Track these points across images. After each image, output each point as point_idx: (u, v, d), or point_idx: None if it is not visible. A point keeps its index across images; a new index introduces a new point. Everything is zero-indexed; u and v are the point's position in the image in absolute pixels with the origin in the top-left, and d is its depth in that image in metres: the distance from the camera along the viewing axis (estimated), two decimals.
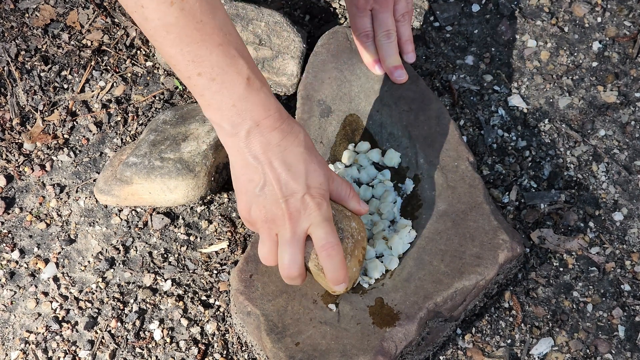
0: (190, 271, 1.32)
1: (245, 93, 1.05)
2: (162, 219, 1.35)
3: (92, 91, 1.46)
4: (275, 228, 1.11)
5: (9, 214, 1.37)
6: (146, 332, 1.28)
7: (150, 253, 1.33)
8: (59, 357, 1.27)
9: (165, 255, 1.33)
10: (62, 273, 1.33)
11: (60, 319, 1.30)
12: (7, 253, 1.34)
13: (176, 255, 1.33)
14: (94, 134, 1.42)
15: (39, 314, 1.30)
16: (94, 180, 1.38)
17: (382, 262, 1.23)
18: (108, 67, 1.47)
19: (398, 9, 1.35)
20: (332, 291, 1.17)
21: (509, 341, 1.26)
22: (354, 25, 1.35)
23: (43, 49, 1.48)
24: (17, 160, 1.40)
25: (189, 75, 1.04)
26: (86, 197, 1.37)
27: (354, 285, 1.20)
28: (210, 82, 1.04)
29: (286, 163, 1.08)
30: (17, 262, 1.34)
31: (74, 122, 1.43)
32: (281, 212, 1.09)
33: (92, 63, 1.47)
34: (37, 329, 1.29)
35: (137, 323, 1.29)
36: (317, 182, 1.10)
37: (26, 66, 1.47)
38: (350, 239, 1.16)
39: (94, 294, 1.31)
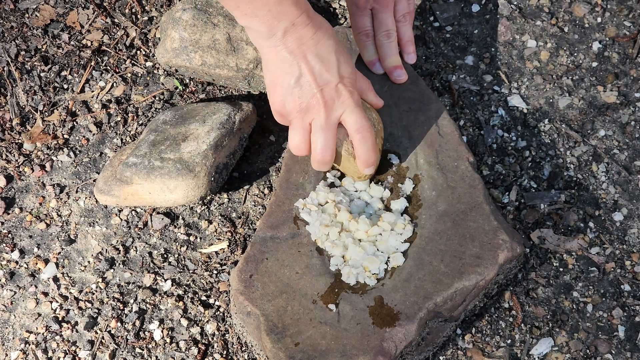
0: (190, 271, 1.32)
1: None
2: (162, 219, 1.35)
3: (92, 91, 1.46)
4: (309, 117, 1.19)
5: (9, 214, 1.37)
6: (146, 332, 1.28)
7: (150, 253, 1.33)
8: (59, 357, 1.27)
9: (165, 256, 1.33)
10: (62, 273, 1.33)
11: (60, 319, 1.30)
12: (7, 253, 1.34)
13: (176, 256, 1.33)
14: (94, 134, 1.42)
15: (39, 314, 1.30)
16: (94, 181, 1.38)
17: (382, 259, 1.23)
18: (108, 67, 1.47)
19: (399, 9, 1.35)
20: (359, 176, 1.25)
21: (509, 341, 1.26)
22: (354, 24, 1.35)
23: (43, 49, 1.48)
24: (17, 160, 1.40)
25: None
26: (86, 197, 1.37)
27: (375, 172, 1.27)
28: None
29: (319, 55, 1.17)
30: (17, 262, 1.34)
31: (74, 122, 1.43)
32: (316, 100, 1.17)
33: (92, 63, 1.47)
34: (37, 329, 1.29)
35: (137, 323, 1.29)
36: (347, 72, 1.19)
37: (26, 66, 1.47)
38: (374, 127, 1.24)
39: (94, 294, 1.31)
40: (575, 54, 1.46)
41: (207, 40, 1.40)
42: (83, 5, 1.52)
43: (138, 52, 1.48)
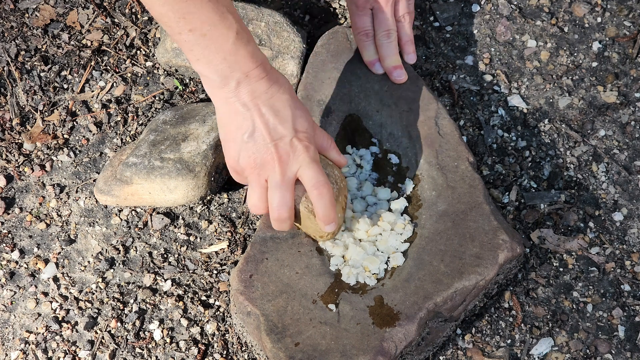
0: (190, 271, 1.32)
1: (234, 47, 1.09)
2: (162, 219, 1.35)
3: (92, 91, 1.46)
4: (264, 173, 1.14)
5: (9, 214, 1.37)
6: (146, 332, 1.28)
7: (150, 253, 1.33)
8: (59, 357, 1.27)
9: (165, 256, 1.33)
10: (62, 273, 1.33)
11: (60, 319, 1.30)
12: (7, 253, 1.34)
13: (176, 256, 1.33)
14: (94, 134, 1.42)
15: (39, 314, 1.30)
16: (94, 181, 1.38)
17: (382, 259, 1.23)
18: (108, 67, 1.47)
19: (399, 9, 1.35)
20: (320, 235, 1.19)
21: (509, 341, 1.26)
22: (354, 24, 1.35)
23: (43, 49, 1.48)
24: (17, 160, 1.40)
25: (179, 32, 1.07)
26: (86, 197, 1.37)
27: (337, 233, 1.22)
28: (201, 37, 1.08)
29: (274, 109, 1.13)
30: (17, 262, 1.34)
31: (74, 122, 1.43)
32: (270, 156, 1.13)
33: (92, 63, 1.47)
34: (37, 329, 1.29)
35: (137, 323, 1.29)
36: (303, 126, 1.15)
37: (26, 66, 1.47)
38: (334, 184, 1.19)
39: (94, 294, 1.31)
40: (575, 54, 1.46)
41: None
42: (83, 5, 1.52)
43: (138, 52, 1.48)
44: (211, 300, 1.30)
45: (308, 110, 1.18)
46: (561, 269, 1.31)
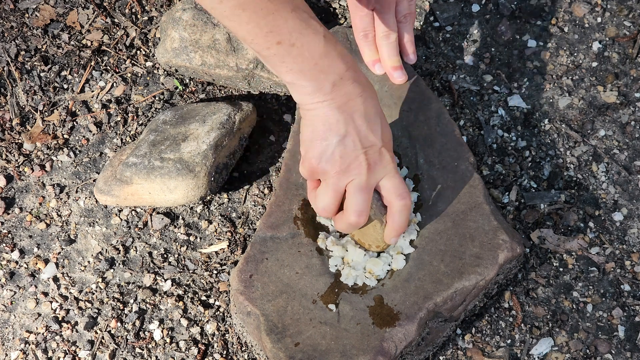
0: (190, 271, 1.32)
1: (325, 50, 1.09)
2: (162, 219, 1.35)
3: (92, 91, 1.46)
4: (347, 178, 1.14)
5: (9, 214, 1.37)
6: (146, 332, 1.28)
7: (150, 253, 1.33)
8: (59, 357, 1.27)
9: (165, 256, 1.33)
10: (62, 273, 1.33)
11: (60, 319, 1.30)
12: (7, 253, 1.34)
13: (176, 256, 1.33)
14: (94, 134, 1.42)
15: (39, 314, 1.30)
16: (94, 181, 1.38)
17: (386, 260, 1.23)
18: (108, 67, 1.47)
19: (400, 9, 1.35)
20: (377, 245, 1.21)
21: (509, 341, 1.26)
22: (355, 24, 1.35)
23: (43, 49, 1.48)
24: (17, 160, 1.40)
25: (268, 46, 1.07)
26: (86, 197, 1.37)
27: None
28: (290, 47, 1.07)
29: (366, 116, 1.13)
30: (17, 262, 1.34)
31: (74, 122, 1.43)
32: (359, 162, 1.13)
33: (92, 63, 1.47)
34: (37, 329, 1.29)
35: (137, 323, 1.29)
36: (389, 137, 1.17)
37: (26, 66, 1.47)
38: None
39: (94, 294, 1.31)
40: (575, 54, 1.46)
41: (207, 40, 1.40)
42: (83, 5, 1.52)
43: (138, 52, 1.48)
44: (211, 300, 1.30)
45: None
46: (561, 269, 1.31)
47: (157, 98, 1.45)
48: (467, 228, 1.23)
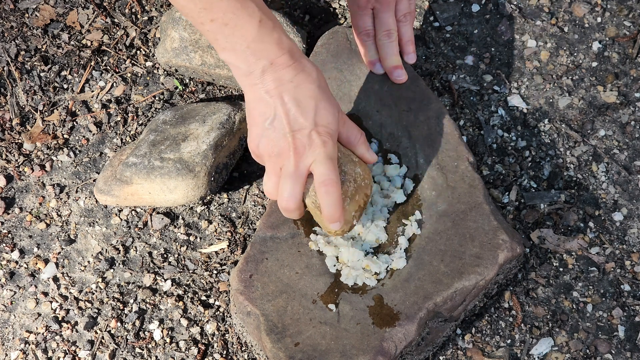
0: (190, 271, 1.32)
1: (258, 35, 1.09)
2: (162, 219, 1.35)
3: (92, 91, 1.46)
4: (280, 161, 1.14)
5: (9, 214, 1.37)
6: (146, 332, 1.28)
7: (150, 253, 1.33)
8: (59, 357, 1.27)
9: (165, 255, 1.33)
10: (62, 273, 1.33)
11: (60, 319, 1.30)
12: (7, 253, 1.34)
13: (176, 255, 1.33)
14: (93, 134, 1.42)
15: (39, 314, 1.30)
16: (94, 180, 1.38)
17: (385, 259, 1.23)
18: (108, 67, 1.47)
19: (400, 9, 1.35)
20: (327, 230, 1.18)
21: (509, 341, 1.26)
22: (355, 23, 1.35)
23: (43, 49, 1.48)
24: (17, 160, 1.40)
25: (202, 22, 1.09)
26: (86, 197, 1.37)
27: (349, 230, 1.20)
28: (223, 26, 1.08)
29: (297, 99, 1.12)
30: (17, 262, 1.34)
31: (74, 122, 1.43)
32: (287, 145, 1.12)
33: (92, 63, 1.47)
34: (37, 329, 1.29)
35: (137, 323, 1.29)
36: (325, 120, 1.14)
37: (26, 66, 1.47)
38: (352, 182, 1.18)
39: (93, 294, 1.31)
40: (575, 54, 1.46)
41: (207, 41, 1.40)
42: (83, 5, 1.52)
43: (138, 52, 1.48)
44: (211, 300, 1.30)
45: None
46: (561, 269, 1.31)
47: (157, 98, 1.45)
48: (467, 228, 1.23)
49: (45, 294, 1.31)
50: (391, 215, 1.27)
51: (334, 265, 1.23)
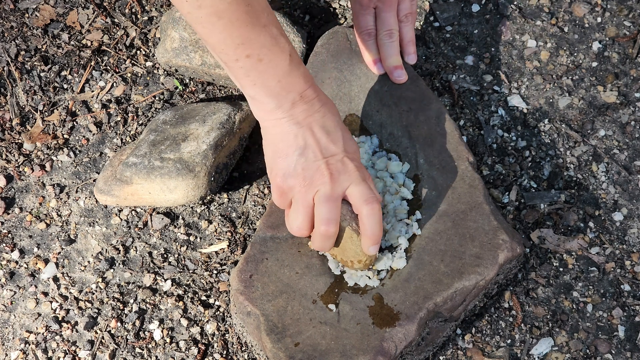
0: (190, 271, 1.32)
1: (288, 69, 1.10)
2: (162, 219, 1.35)
3: (92, 91, 1.46)
4: (312, 189, 1.13)
5: (9, 214, 1.37)
6: (146, 332, 1.28)
7: (150, 253, 1.33)
8: (59, 357, 1.27)
9: (165, 255, 1.33)
10: (62, 273, 1.33)
11: (60, 319, 1.30)
12: (7, 253, 1.34)
13: (176, 255, 1.33)
14: (94, 134, 1.42)
15: (39, 314, 1.30)
16: (94, 180, 1.38)
17: (389, 257, 1.23)
18: (108, 67, 1.47)
19: (402, 8, 1.35)
20: (359, 260, 1.18)
21: (509, 341, 1.26)
22: (357, 22, 1.35)
23: (43, 49, 1.48)
24: (17, 160, 1.40)
25: (236, 58, 1.08)
26: (86, 197, 1.37)
27: (370, 265, 1.21)
28: (257, 62, 1.08)
29: (325, 128, 1.14)
30: (17, 262, 1.34)
31: (74, 122, 1.43)
32: (321, 171, 1.13)
33: (92, 63, 1.47)
34: (37, 329, 1.29)
35: (137, 323, 1.29)
36: (352, 148, 1.16)
37: (26, 66, 1.47)
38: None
39: (93, 294, 1.31)
40: (575, 54, 1.46)
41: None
42: (83, 5, 1.52)
43: (138, 52, 1.48)
44: (211, 300, 1.30)
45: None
46: (561, 269, 1.31)
47: (157, 98, 1.45)
48: (467, 228, 1.23)
49: (45, 294, 1.31)
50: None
51: (337, 267, 1.23)
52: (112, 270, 1.33)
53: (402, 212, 1.25)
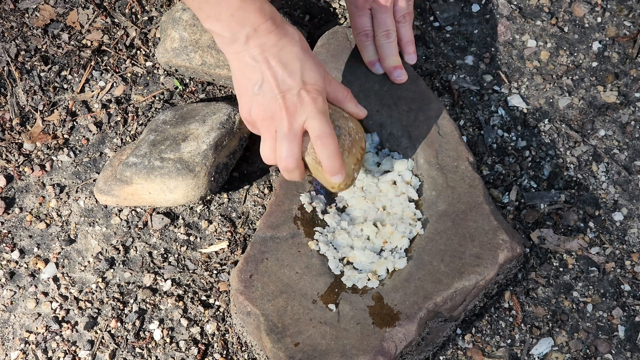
0: (190, 271, 1.32)
1: (241, 3, 1.12)
2: (162, 219, 1.35)
3: (92, 91, 1.46)
4: (273, 124, 1.16)
5: (9, 214, 1.37)
6: (146, 332, 1.28)
7: (150, 253, 1.33)
8: (59, 357, 1.27)
9: (165, 255, 1.33)
10: (62, 273, 1.33)
11: (60, 319, 1.30)
12: (7, 253, 1.34)
13: (176, 255, 1.33)
14: (94, 134, 1.42)
15: (39, 314, 1.30)
16: (94, 180, 1.38)
17: (388, 258, 1.23)
18: (108, 67, 1.47)
19: (398, 9, 1.35)
20: (330, 186, 1.19)
21: (509, 341, 1.26)
22: (354, 24, 1.35)
23: (43, 49, 1.48)
24: (17, 160, 1.40)
25: None
26: (86, 197, 1.37)
27: (352, 184, 1.21)
28: None
29: (282, 62, 1.15)
30: (17, 262, 1.34)
31: (74, 122, 1.43)
32: (278, 107, 1.15)
33: (92, 63, 1.47)
34: (37, 329, 1.29)
35: (137, 323, 1.29)
36: (312, 79, 1.16)
37: (26, 66, 1.47)
38: (347, 136, 1.20)
39: (94, 294, 1.31)
40: (575, 54, 1.46)
41: (207, 40, 1.40)
42: (83, 5, 1.52)
43: (138, 52, 1.48)
44: (211, 300, 1.30)
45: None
46: (561, 269, 1.31)
47: (157, 98, 1.45)
48: (467, 228, 1.23)
49: (45, 294, 1.31)
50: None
51: (337, 267, 1.23)
52: (112, 270, 1.33)
53: (409, 215, 1.25)
